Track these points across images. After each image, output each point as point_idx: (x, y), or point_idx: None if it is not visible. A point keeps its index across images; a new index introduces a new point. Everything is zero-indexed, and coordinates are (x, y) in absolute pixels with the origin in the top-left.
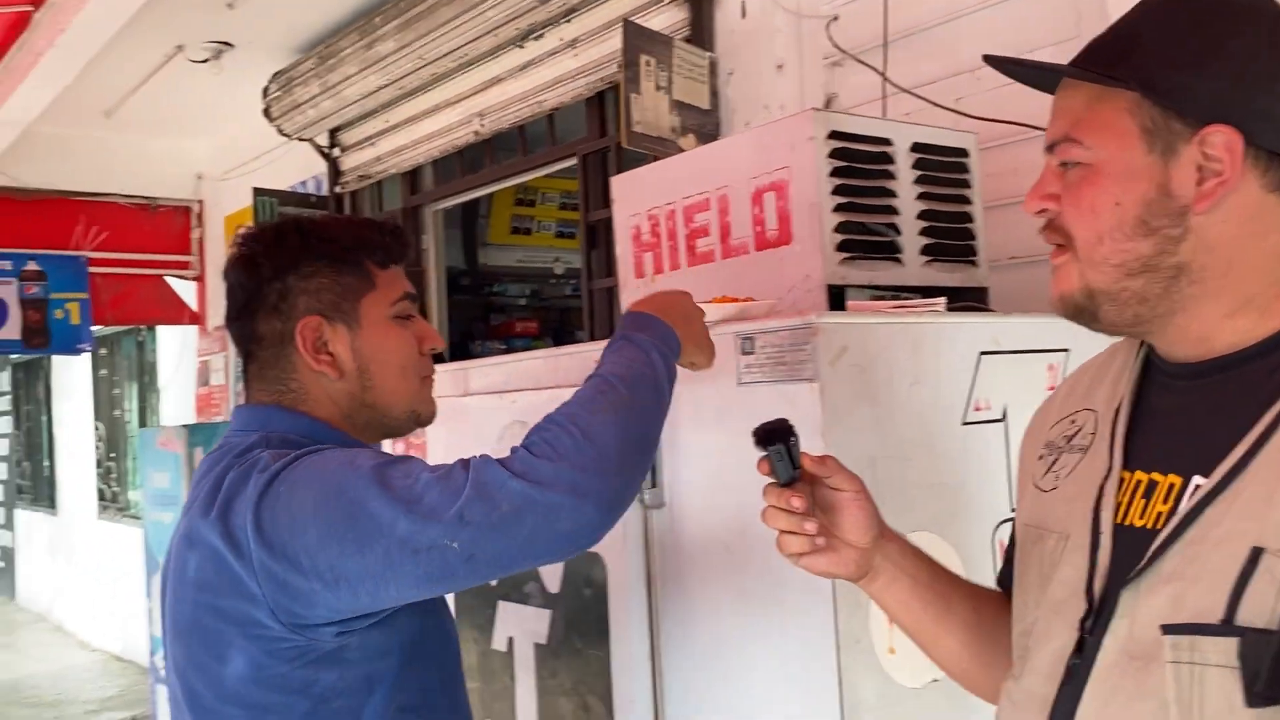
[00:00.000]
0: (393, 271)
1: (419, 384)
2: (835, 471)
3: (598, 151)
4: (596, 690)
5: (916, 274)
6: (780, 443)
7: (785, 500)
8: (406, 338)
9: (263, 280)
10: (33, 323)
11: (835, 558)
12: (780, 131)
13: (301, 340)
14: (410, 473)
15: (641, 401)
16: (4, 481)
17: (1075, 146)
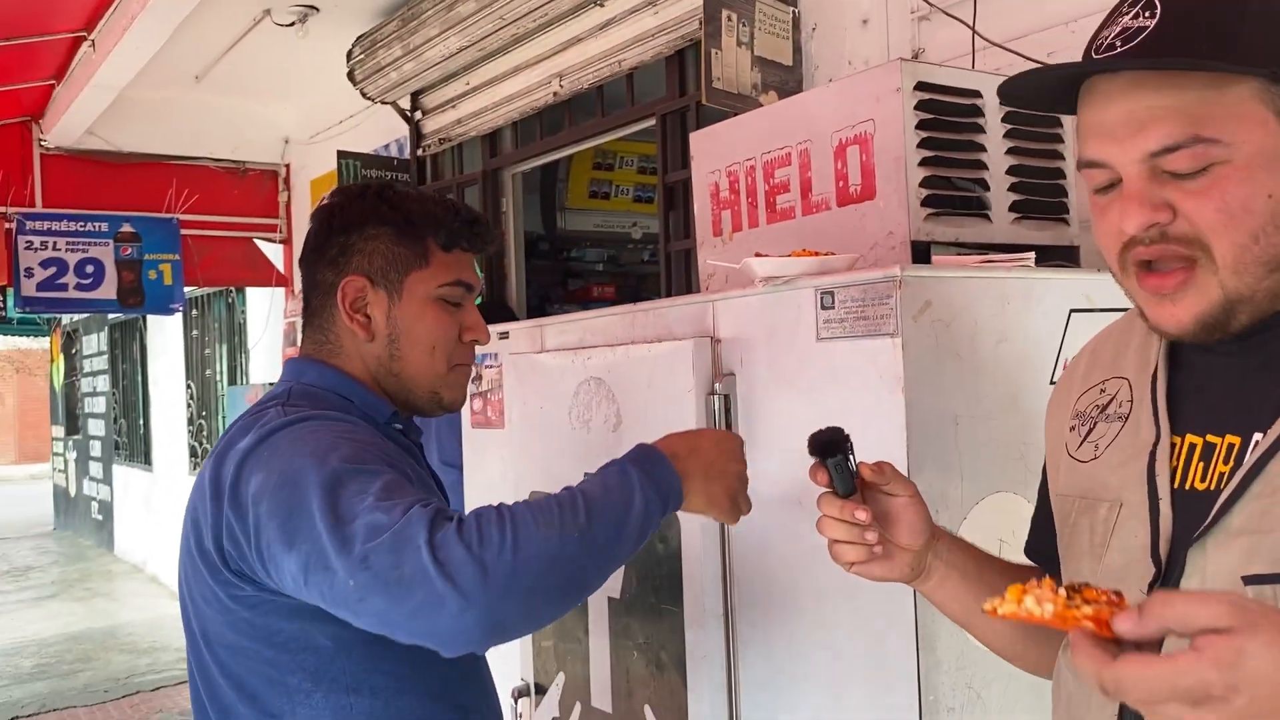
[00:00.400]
0: (455, 256)
1: (447, 368)
2: (893, 478)
3: (676, 111)
4: (669, 647)
5: (1005, 231)
6: (840, 453)
7: (848, 513)
8: (446, 321)
9: (331, 232)
10: (127, 283)
11: (890, 563)
12: (865, 83)
13: (342, 295)
14: (365, 489)
15: (593, 539)
16: (102, 438)
17: (1212, 146)
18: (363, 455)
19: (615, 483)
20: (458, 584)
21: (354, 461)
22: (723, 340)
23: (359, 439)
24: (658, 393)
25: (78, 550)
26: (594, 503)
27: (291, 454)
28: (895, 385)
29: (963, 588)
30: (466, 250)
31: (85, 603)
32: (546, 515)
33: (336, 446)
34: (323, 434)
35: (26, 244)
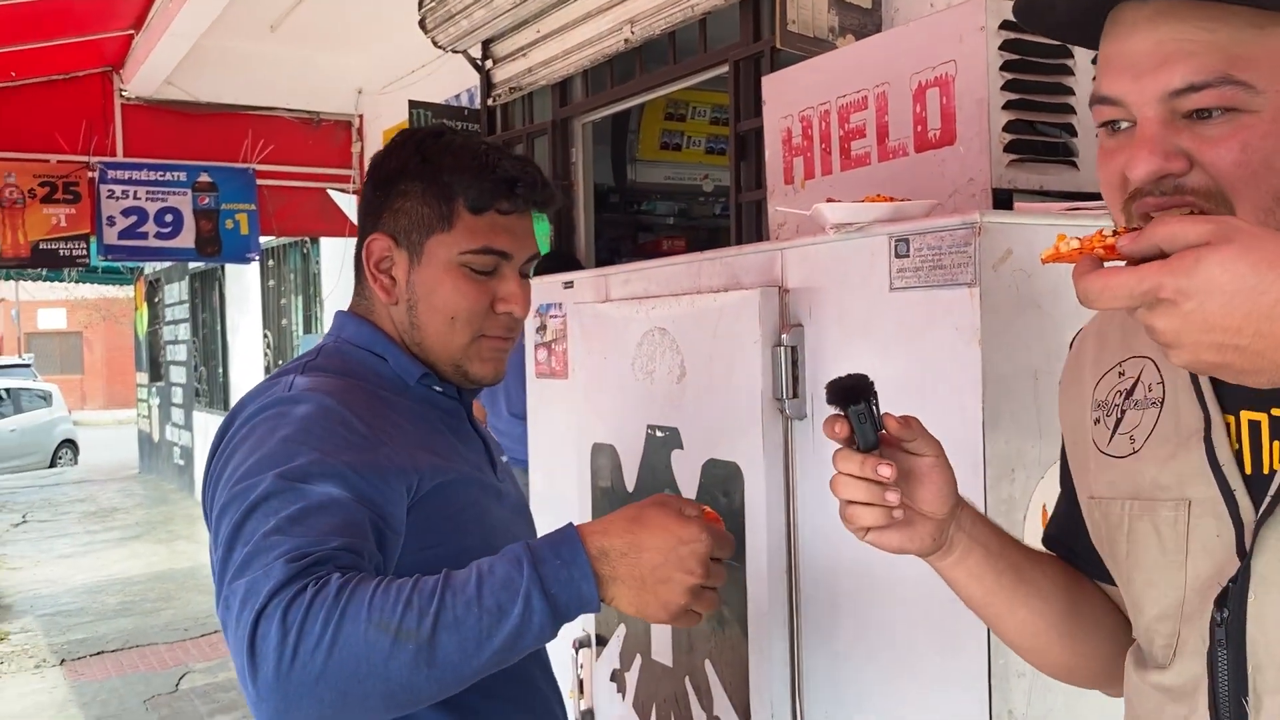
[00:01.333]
0: (489, 220)
1: (468, 340)
2: (920, 434)
3: (750, 57)
4: (731, 602)
5: (1092, 179)
6: (863, 401)
7: (869, 468)
8: (468, 290)
9: (372, 184)
10: (205, 232)
11: (910, 532)
12: (947, 22)
13: (366, 253)
14: (274, 514)
15: (431, 656)
16: (183, 385)
17: (1242, 91)
18: (307, 470)
19: (498, 580)
20: (259, 672)
21: (292, 478)
22: (791, 290)
23: (332, 434)
24: (723, 343)
25: (161, 493)
26: (453, 603)
27: (256, 449)
28: (971, 337)
29: (985, 564)
30: (506, 213)
31: (167, 544)
32: (386, 612)
33: (292, 454)
34: (295, 428)
35: (109, 193)
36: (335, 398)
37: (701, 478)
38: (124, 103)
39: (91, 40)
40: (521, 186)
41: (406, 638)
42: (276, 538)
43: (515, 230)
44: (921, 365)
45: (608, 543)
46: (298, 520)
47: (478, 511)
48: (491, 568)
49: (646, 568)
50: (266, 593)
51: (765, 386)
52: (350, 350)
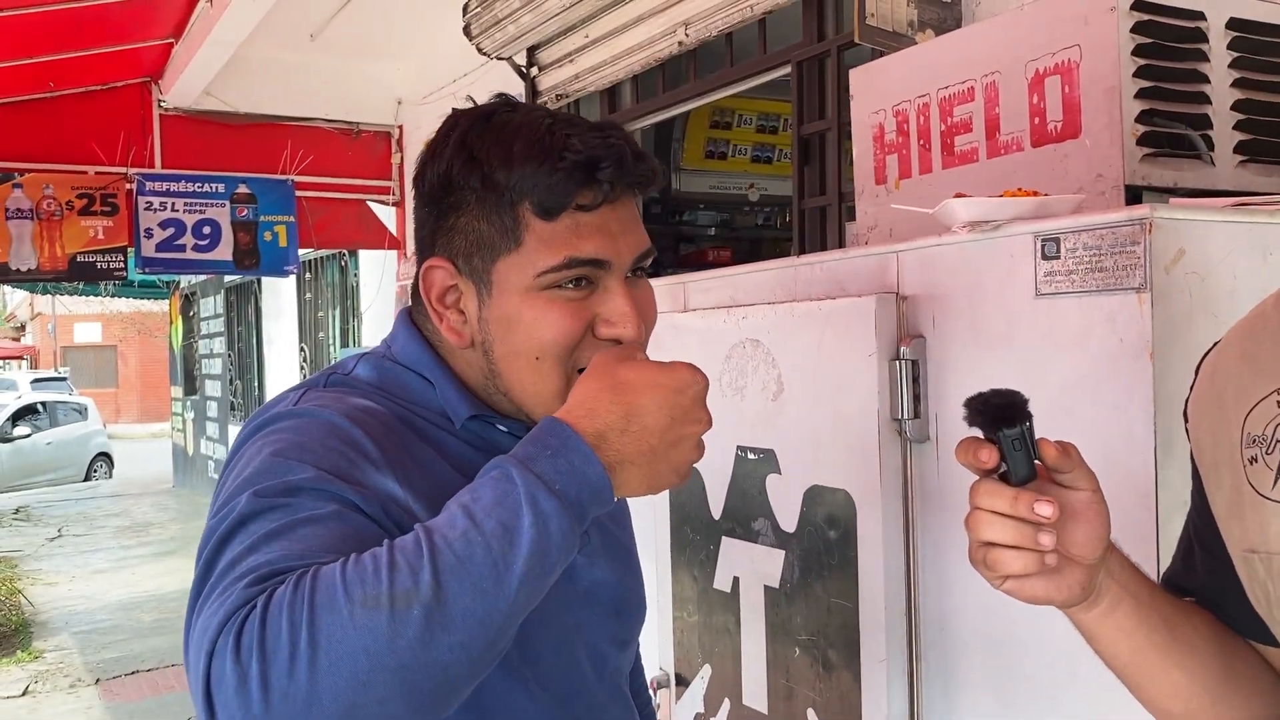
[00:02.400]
0: (568, 222)
1: (562, 380)
2: (1079, 464)
3: (815, 58)
4: (839, 643)
5: (1229, 176)
6: (1019, 424)
7: (1024, 506)
8: (557, 317)
9: (421, 198)
10: (243, 245)
11: (1059, 580)
12: (1070, 3)
13: (425, 285)
14: (262, 526)
15: (448, 609)
16: (219, 399)
17: None
18: (296, 486)
19: (487, 501)
20: (225, 687)
21: (274, 494)
22: (910, 297)
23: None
24: (829, 357)
25: (195, 508)
26: (446, 544)
27: (243, 470)
28: (1142, 350)
29: (1135, 618)
30: (590, 207)
31: None
32: (368, 584)
33: (280, 469)
34: (288, 443)
35: (146, 205)
36: (348, 417)
37: (803, 505)
38: (162, 113)
39: (130, 50)
40: (606, 167)
41: (406, 602)
42: (249, 559)
43: (609, 226)
44: (1077, 382)
45: (600, 423)
46: (277, 535)
47: None
48: (474, 493)
49: (654, 435)
50: (215, 626)
51: (882, 405)
52: (392, 368)
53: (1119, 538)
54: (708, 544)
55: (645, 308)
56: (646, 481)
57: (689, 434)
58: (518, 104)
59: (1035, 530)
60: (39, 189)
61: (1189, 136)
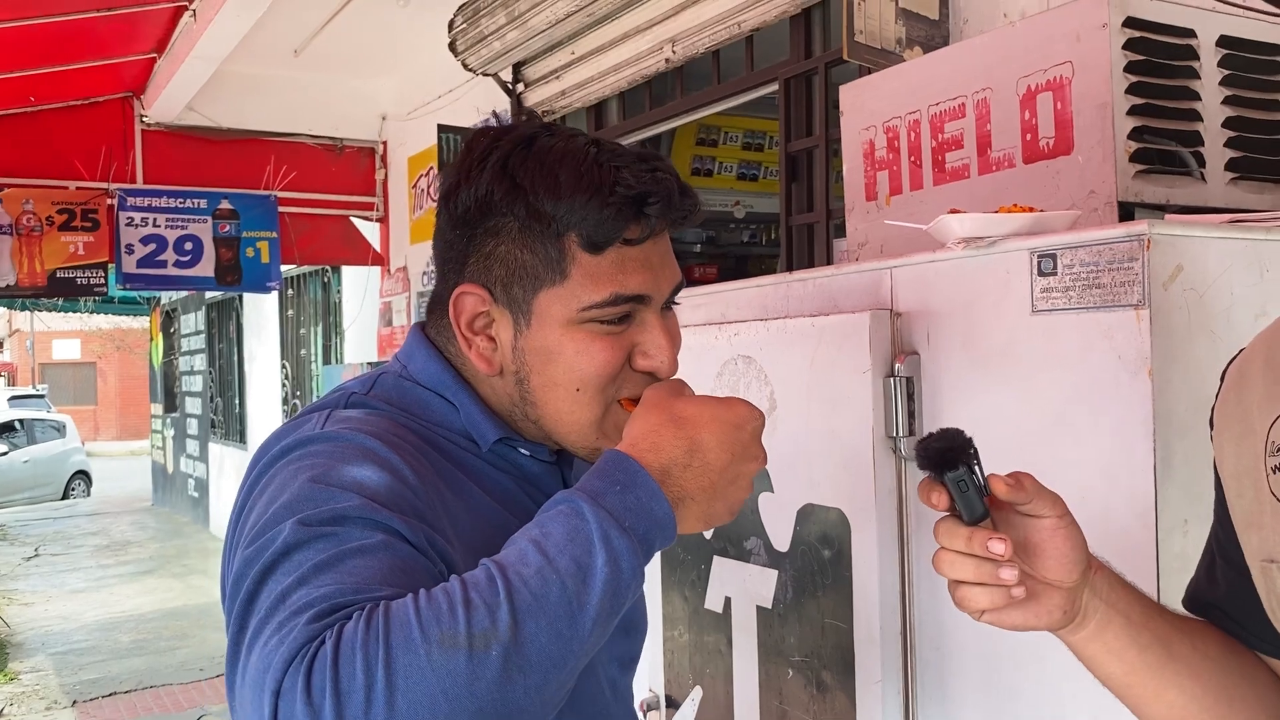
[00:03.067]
0: (614, 256)
1: (600, 410)
2: (1036, 494)
3: (802, 75)
4: (833, 664)
5: (1220, 193)
6: (963, 465)
7: (978, 544)
8: (599, 350)
9: (452, 220)
10: (225, 261)
11: (1036, 607)
12: (1062, 19)
13: (455, 311)
14: (311, 555)
15: (525, 652)
16: (199, 417)
17: None
18: (341, 514)
19: (559, 537)
20: None
21: (319, 522)
22: (904, 313)
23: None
24: (822, 374)
25: (175, 526)
26: (521, 582)
27: (279, 495)
28: (1140, 367)
29: (1127, 638)
30: (636, 242)
31: (182, 579)
32: (444, 622)
33: (322, 496)
34: (324, 469)
35: (128, 220)
36: (380, 440)
37: (796, 524)
38: (144, 128)
39: (112, 64)
40: (655, 202)
41: (485, 643)
42: (300, 592)
43: (651, 261)
44: (1076, 400)
45: (665, 458)
46: (328, 566)
47: None
48: (544, 527)
49: (715, 471)
50: (280, 664)
51: (876, 423)
52: (411, 388)
53: (1111, 557)
54: (699, 563)
55: (676, 339)
56: (704, 518)
57: (747, 471)
58: (554, 128)
59: (995, 566)
60: (18, 204)
61: (1181, 153)
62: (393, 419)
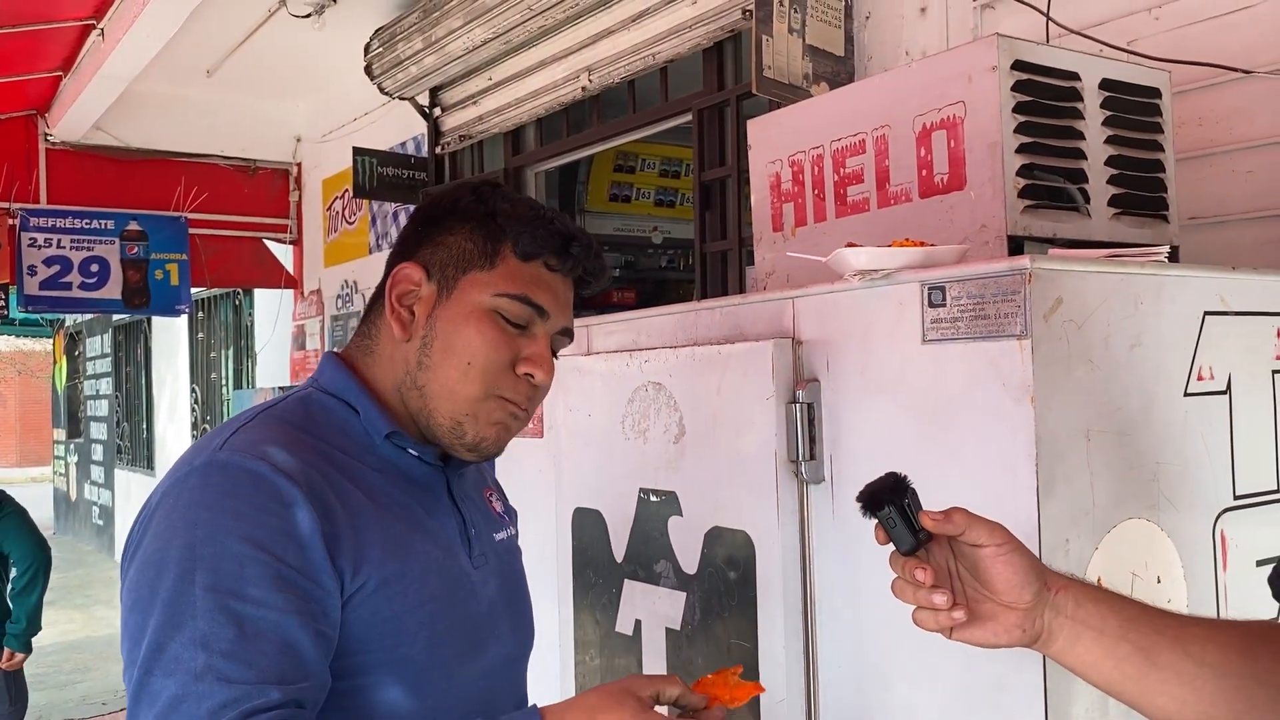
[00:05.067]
0: (534, 271)
1: (481, 391)
2: (968, 525)
3: (714, 106)
4: None
5: (1103, 228)
6: (891, 505)
7: (909, 573)
8: (494, 338)
9: (418, 221)
10: (133, 283)
11: (996, 626)
12: (954, 61)
13: (392, 282)
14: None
15: None
16: (104, 442)
17: None
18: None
19: None
20: None
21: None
22: (805, 342)
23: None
24: (728, 400)
25: (78, 555)
26: None
27: (177, 528)
28: (1023, 394)
29: (1099, 650)
30: (553, 269)
31: (84, 610)
32: None
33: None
34: (220, 507)
35: (30, 241)
36: (273, 462)
37: (704, 547)
38: (49, 147)
39: (15, 82)
40: (577, 247)
41: None
42: (207, 683)
43: (558, 292)
44: (962, 425)
45: None
46: (231, 655)
47: (428, 614)
48: None
49: None
50: None
51: (779, 447)
52: (320, 399)
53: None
54: (610, 587)
55: (553, 369)
56: None
57: None
58: (512, 192)
59: (930, 592)
60: None
61: (1067, 189)
62: (295, 432)
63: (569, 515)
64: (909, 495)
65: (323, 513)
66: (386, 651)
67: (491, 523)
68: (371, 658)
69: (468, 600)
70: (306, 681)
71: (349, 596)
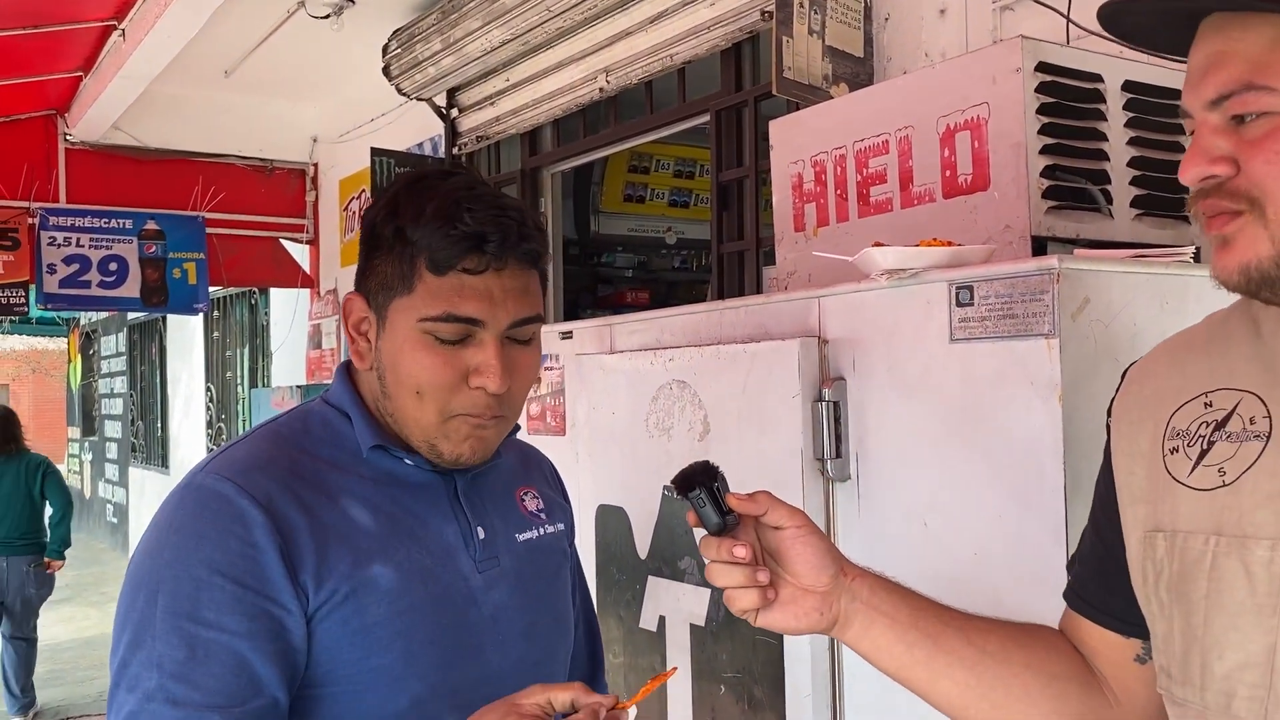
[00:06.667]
0: (453, 281)
1: (437, 416)
2: (770, 506)
3: (732, 107)
4: (764, 680)
5: (1126, 229)
6: (700, 487)
7: (725, 551)
8: (432, 361)
9: (360, 238)
10: (151, 281)
11: (795, 609)
12: (979, 63)
13: (344, 311)
14: (168, 651)
15: None
16: (119, 440)
17: (1265, 95)
18: (195, 599)
19: None
20: None
21: (179, 613)
22: (831, 341)
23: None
24: (753, 398)
25: (92, 553)
26: None
27: (150, 545)
28: (1050, 392)
29: (891, 636)
30: (475, 272)
31: (99, 607)
32: None
33: (180, 569)
34: (189, 531)
35: (50, 240)
36: (240, 484)
37: None
38: (68, 147)
39: (36, 82)
40: (492, 241)
41: None
42: (157, 703)
43: (491, 292)
44: (991, 424)
45: None
46: (180, 677)
47: (405, 624)
48: None
49: None
50: None
51: (805, 445)
52: (322, 412)
53: (1024, 572)
54: (634, 584)
55: (518, 369)
56: None
57: None
58: (458, 171)
59: (751, 570)
60: None
61: (1089, 190)
62: (280, 447)
63: (592, 512)
64: (719, 480)
65: (285, 531)
66: (358, 662)
67: (515, 523)
68: (342, 669)
69: (465, 608)
70: (259, 700)
71: (315, 609)
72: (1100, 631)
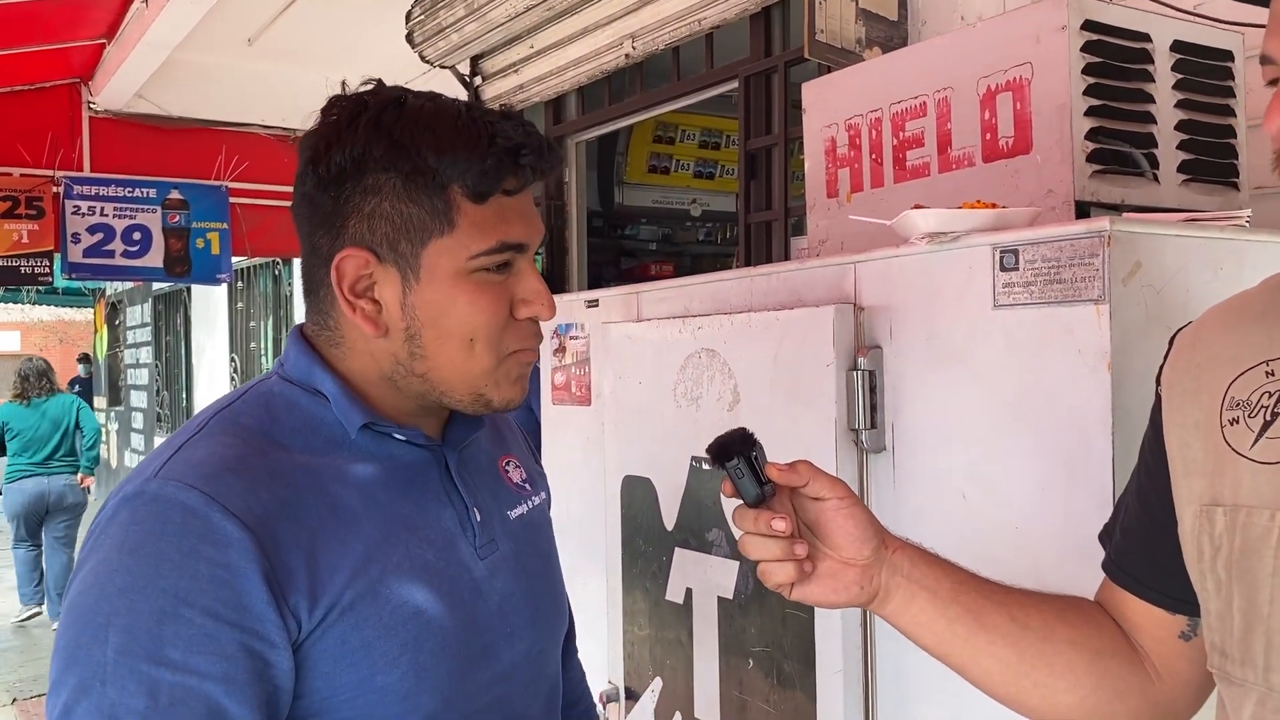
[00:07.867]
0: (496, 205)
1: (493, 360)
2: (811, 477)
3: (761, 73)
4: (794, 654)
5: (1172, 194)
6: (739, 456)
7: (763, 524)
8: (488, 300)
9: (321, 182)
10: (174, 251)
11: (834, 582)
12: (1021, 21)
13: (337, 275)
14: (122, 700)
15: None
16: (144, 410)
17: None
18: (158, 637)
19: None
20: None
21: (137, 656)
22: (867, 308)
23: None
24: (785, 367)
25: None
26: None
27: (99, 574)
28: (1100, 360)
29: (933, 611)
30: (513, 192)
31: None
32: None
33: (137, 601)
34: (144, 555)
35: (74, 209)
36: (209, 491)
37: None
38: (92, 115)
39: (60, 49)
40: (528, 153)
41: None
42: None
43: (525, 211)
44: (1036, 393)
45: None
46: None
47: (410, 635)
48: None
49: None
50: None
51: (839, 415)
52: (284, 392)
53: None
54: (660, 555)
55: (551, 295)
56: None
57: None
58: (416, 91)
59: (788, 543)
60: None
61: (1135, 155)
62: (245, 442)
63: (618, 483)
64: (757, 449)
65: (269, 548)
66: (360, 684)
67: (506, 499)
68: (342, 694)
69: (472, 604)
70: None
71: (309, 632)
72: (1144, 606)
